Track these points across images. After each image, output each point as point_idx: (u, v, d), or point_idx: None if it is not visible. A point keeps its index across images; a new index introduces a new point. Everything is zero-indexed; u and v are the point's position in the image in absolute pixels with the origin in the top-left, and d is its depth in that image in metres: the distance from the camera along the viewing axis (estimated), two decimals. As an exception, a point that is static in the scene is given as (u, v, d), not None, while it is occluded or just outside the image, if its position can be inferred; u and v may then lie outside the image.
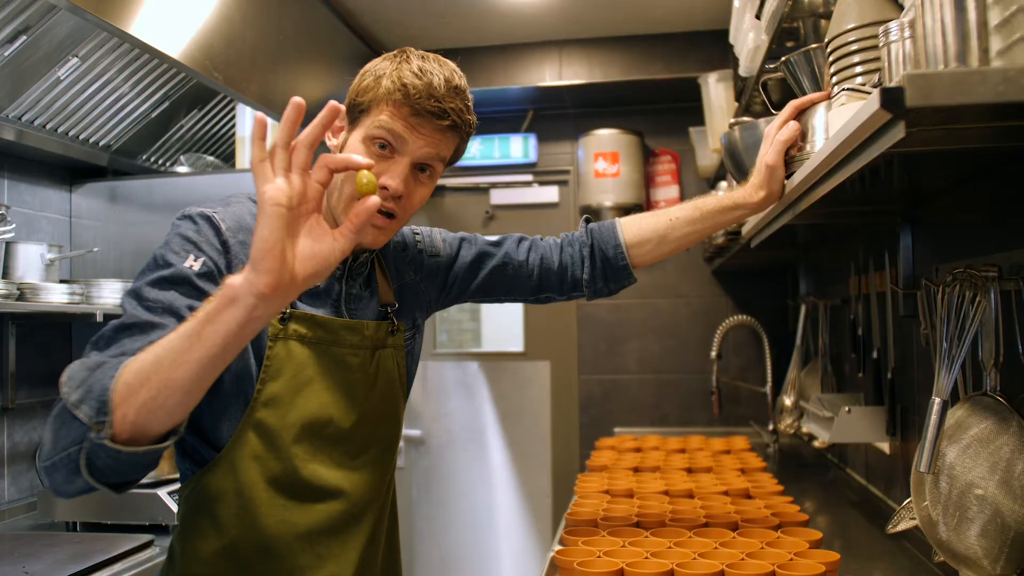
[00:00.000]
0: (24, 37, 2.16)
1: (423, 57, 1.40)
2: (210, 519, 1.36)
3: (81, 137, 2.66)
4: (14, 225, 2.46)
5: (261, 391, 1.35)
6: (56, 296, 2.42)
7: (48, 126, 2.52)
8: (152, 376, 1.03)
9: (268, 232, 1.00)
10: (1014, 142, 1.15)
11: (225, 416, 1.35)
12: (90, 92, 2.52)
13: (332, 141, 1.44)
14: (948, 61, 0.94)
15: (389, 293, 1.56)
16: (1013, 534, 1.28)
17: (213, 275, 1.29)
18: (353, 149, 1.39)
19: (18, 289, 2.35)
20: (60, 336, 2.85)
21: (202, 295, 1.25)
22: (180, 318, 1.20)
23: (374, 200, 1.07)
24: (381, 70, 1.38)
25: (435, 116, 1.36)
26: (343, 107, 1.42)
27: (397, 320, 1.54)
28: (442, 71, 1.38)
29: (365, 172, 1.15)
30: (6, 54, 2.17)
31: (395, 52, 1.42)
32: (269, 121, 3.13)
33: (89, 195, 2.91)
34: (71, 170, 2.91)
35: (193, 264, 1.27)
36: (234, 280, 1.02)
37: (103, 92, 2.56)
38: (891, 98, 0.92)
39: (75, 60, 2.36)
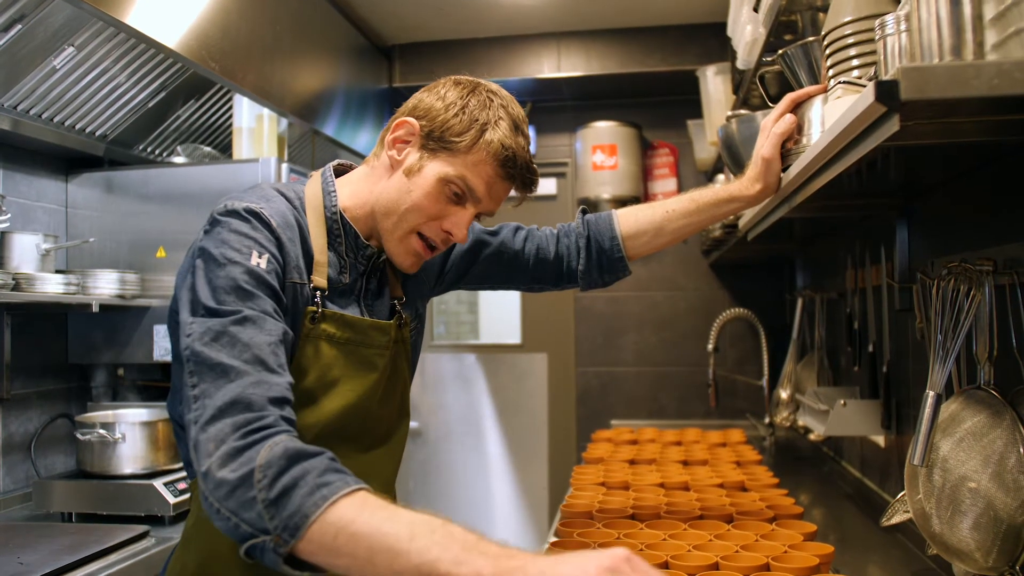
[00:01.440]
0: (19, 26, 2.15)
1: (506, 106, 1.40)
2: None
3: (77, 127, 2.65)
4: (9, 215, 2.45)
5: None
6: (52, 286, 2.42)
7: (44, 116, 2.51)
8: (359, 560, 1.01)
9: None
10: (1009, 136, 1.15)
11: None
12: (86, 82, 2.51)
13: (392, 153, 1.42)
14: (943, 55, 0.94)
15: (397, 286, 1.55)
16: (1005, 527, 1.29)
17: (276, 271, 1.28)
18: (427, 185, 1.38)
19: (13, 279, 2.34)
20: (55, 326, 2.85)
21: (272, 291, 1.26)
22: (273, 318, 1.22)
23: None
24: (478, 113, 1.37)
25: (523, 185, 1.42)
26: (415, 124, 1.39)
27: (403, 312, 1.54)
28: (527, 135, 1.42)
29: None
30: (1, 43, 2.16)
31: (483, 94, 1.40)
32: (260, 116, 3.10)
33: (85, 185, 2.91)
34: (67, 160, 2.90)
35: (259, 261, 1.25)
36: (485, 562, 0.97)
37: (99, 82, 2.55)
38: (885, 91, 0.92)
39: (71, 49, 2.35)
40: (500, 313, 4.86)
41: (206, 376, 1.14)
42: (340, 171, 1.51)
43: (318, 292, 1.36)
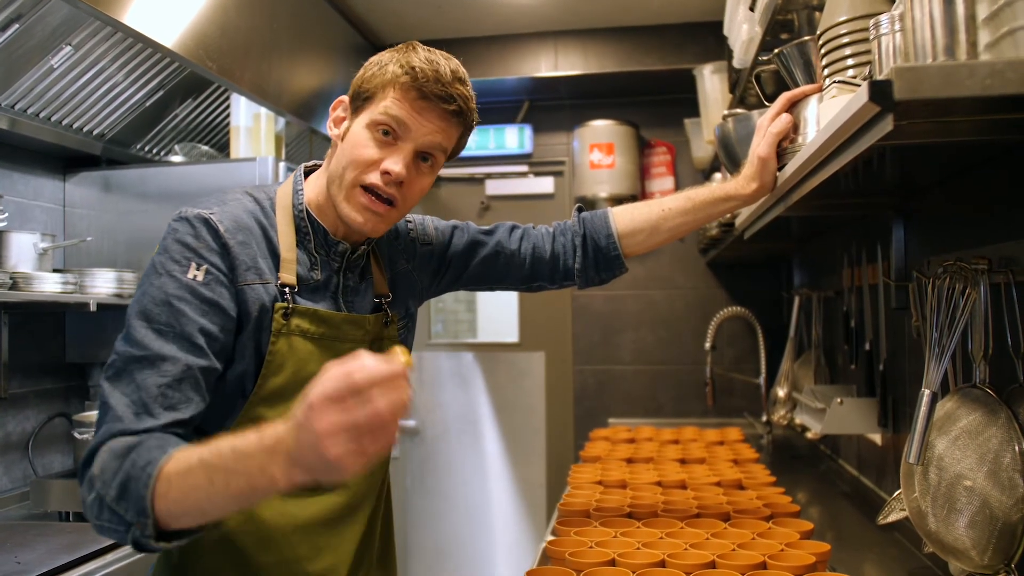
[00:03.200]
0: (17, 25, 2.15)
1: (429, 49, 1.41)
2: None
3: (75, 126, 2.65)
4: (7, 214, 2.45)
5: (262, 387, 1.35)
6: (49, 285, 2.42)
7: (42, 115, 2.51)
8: (186, 503, 1.08)
9: (323, 468, 0.96)
10: (1002, 135, 1.15)
11: (225, 411, 1.35)
12: (84, 81, 2.51)
13: (334, 131, 1.44)
14: (936, 54, 0.95)
15: (383, 284, 1.56)
16: (1001, 525, 1.29)
17: (218, 279, 1.30)
18: (356, 136, 1.38)
19: (11, 278, 2.34)
20: (53, 325, 2.85)
21: (208, 304, 1.27)
22: (191, 344, 1.24)
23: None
24: (387, 59, 1.39)
25: (441, 100, 1.37)
26: (345, 98, 1.44)
27: (391, 310, 1.54)
28: (448, 63, 1.40)
29: (399, 348, 1.04)
30: (-2, 43, 2.16)
31: (401, 45, 1.43)
32: (258, 115, 3.12)
33: (83, 184, 2.91)
34: (65, 159, 2.90)
35: (196, 274, 1.28)
36: (278, 467, 0.99)
37: (97, 81, 2.55)
38: (879, 91, 0.92)
39: (68, 49, 2.35)
40: (498, 312, 4.86)
41: (102, 411, 1.22)
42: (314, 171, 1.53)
43: (287, 288, 1.37)
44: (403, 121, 1.36)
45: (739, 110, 2.41)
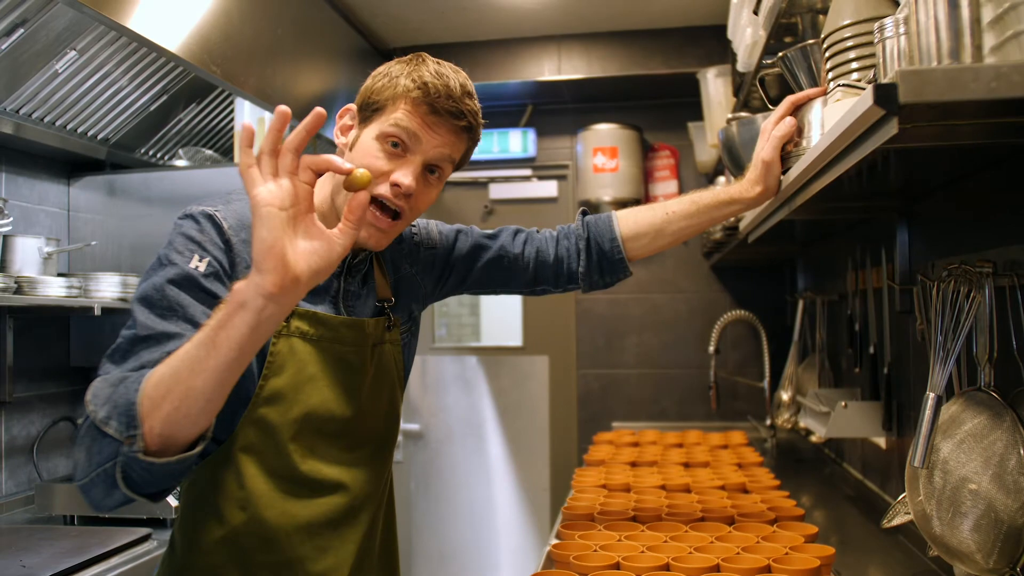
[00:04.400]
0: (21, 30, 2.16)
1: (438, 62, 1.42)
2: (211, 510, 1.36)
3: (79, 131, 2.66)
4: (12, 218, 2.46)
5: (263, 387, 1.35)
6: (54, 290, 2.42)
7: (46, 119, 2.52)
8: (173, 387, 1.07)
9: (266, 232, 1.04)
10: (1007, 138, 1.15)
11: (228, 412, 1.35)
12: (88, 85, 2.52)
13: (341, 139, 1.45)
14: (941, 58, 0.95)
15: (386, 289, 1.56)
16: (1006, 528, 1.29)
17: (219, 274, 1.30)
18: (365, 147, 1.39)
19: (16, 283, 2.35)
20: (58, 330, 2.86)
21: (210, 296, 1.27)
22: (195, 324, 1.23)
23: (364, 194, 1.11)
24: (397, 71, 1.40)
25: (452, 116, 1.38)
26: (352, 106, 1.45)
27: (393, 315, 1.55)
28: (457, 76, 1.41)
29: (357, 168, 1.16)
30: (3, 47, 2.17)
31: (409, 56, 1.43)
32: (262, 119, 3.13)
33: (87, 188, 2.91)
34: (69, 163, 2.91)
35: (199, 264, 1.28)
36: (240, 285, 1.05)
37: (101, 85, 2.56)
38: (884, 95, 0.92)
39: (73, 53, 2.36)
40: (501, 315, 4.86)
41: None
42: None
43: None
44: (414, 133, 1.37)
45: (743, 113, 2.41)
